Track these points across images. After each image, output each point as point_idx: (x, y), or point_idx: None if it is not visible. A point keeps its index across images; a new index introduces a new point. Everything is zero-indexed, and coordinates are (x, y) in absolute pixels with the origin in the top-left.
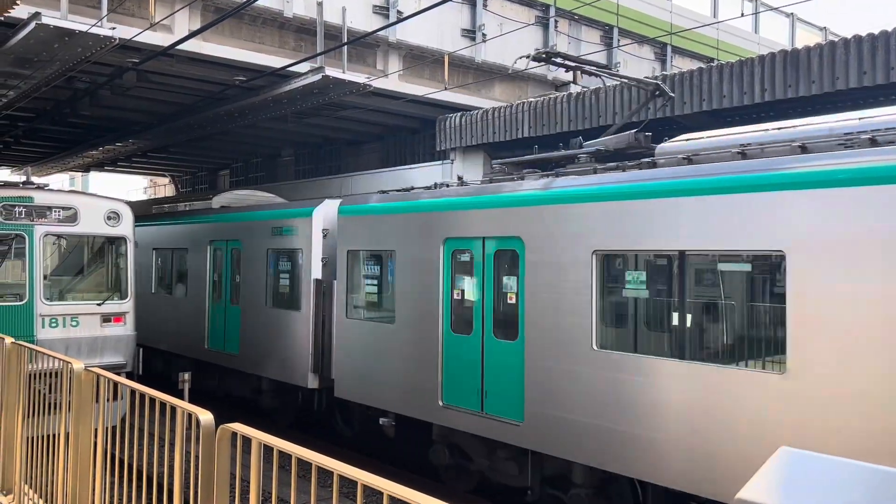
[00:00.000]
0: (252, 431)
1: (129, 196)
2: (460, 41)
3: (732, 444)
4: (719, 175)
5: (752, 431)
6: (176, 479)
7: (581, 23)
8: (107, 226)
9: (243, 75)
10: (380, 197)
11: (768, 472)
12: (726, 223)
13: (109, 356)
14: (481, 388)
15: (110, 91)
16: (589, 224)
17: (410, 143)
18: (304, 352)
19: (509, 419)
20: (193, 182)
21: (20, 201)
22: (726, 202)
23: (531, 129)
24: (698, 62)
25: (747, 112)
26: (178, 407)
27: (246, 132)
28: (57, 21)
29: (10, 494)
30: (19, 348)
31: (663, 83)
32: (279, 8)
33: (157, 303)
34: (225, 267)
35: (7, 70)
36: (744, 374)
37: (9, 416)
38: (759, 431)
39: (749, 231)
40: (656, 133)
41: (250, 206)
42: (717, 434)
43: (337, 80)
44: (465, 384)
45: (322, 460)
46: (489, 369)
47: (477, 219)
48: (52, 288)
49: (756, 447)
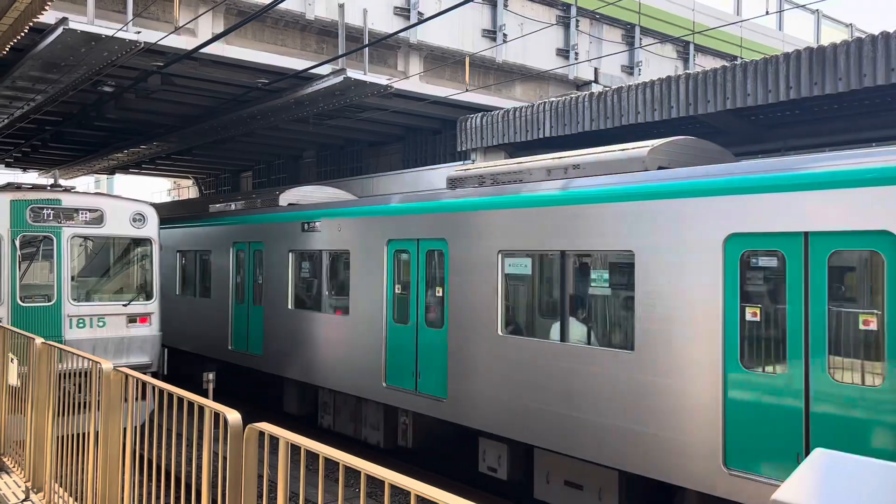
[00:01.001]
0: (280, 431)
1: (152, 198)
2: (481, 42)
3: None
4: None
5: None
6: (204, 479)
7: (603, 22)
8: (132, 227)
9: (266, 77)
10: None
11: (804, 473)
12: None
13: (135, 356)
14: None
15: (135, 94)
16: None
17: (432, 143)
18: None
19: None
20: (216, 184)
21: (48, 203)
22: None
23: (553, 129)
24: (721, 60)
25: (772, 110)
26: (206, 406)
27: (268, 134)
28: (84, 26)
29: (40, 492)
30: (49, 348)
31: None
32: (301, 10)
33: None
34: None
35: (35, 74)
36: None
37: (39, 415)
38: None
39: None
40: (681, 131)
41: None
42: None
43: (358, 81)
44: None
45: (349, 460)
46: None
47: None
48: (80, 289)
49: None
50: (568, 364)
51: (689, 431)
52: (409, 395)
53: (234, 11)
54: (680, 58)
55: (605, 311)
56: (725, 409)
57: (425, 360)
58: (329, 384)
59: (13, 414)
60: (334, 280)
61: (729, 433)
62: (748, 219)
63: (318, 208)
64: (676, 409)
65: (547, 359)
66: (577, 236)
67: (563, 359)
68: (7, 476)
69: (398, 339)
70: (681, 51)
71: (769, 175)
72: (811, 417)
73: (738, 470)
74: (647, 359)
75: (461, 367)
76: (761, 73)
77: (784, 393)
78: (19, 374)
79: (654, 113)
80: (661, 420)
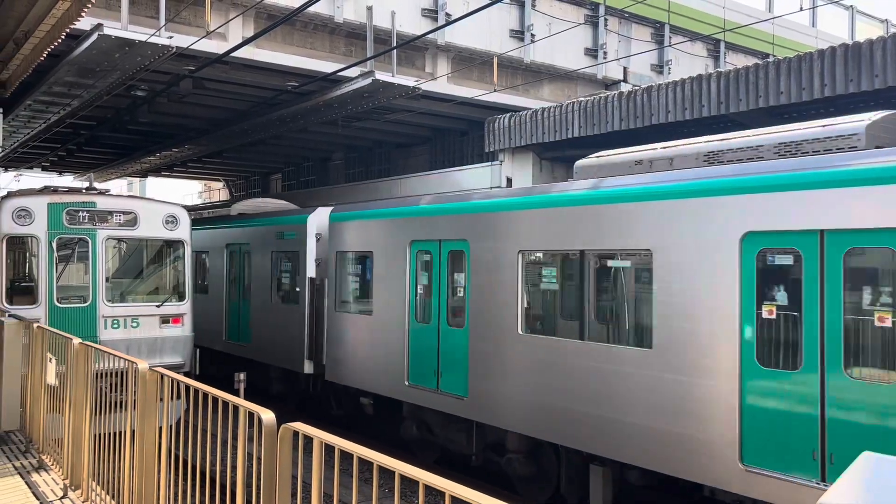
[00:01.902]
0: (314, 431)
1: (184, 200)
2: (509, 42)
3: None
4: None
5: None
6: (239, 479)
7: (631, 21)
8: (165, 229)
9: (295, 80)
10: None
11: (852, 476)
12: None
13: (168, 356)
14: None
15: (167, 98)
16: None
17: (459, 144)
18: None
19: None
20: (247, 186)
21: (83, 206)
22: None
23: (581, 129)
24: (753, 58)
25: (806, 108)
26: (241, 406)
27: (298, 136)
28: (118, 31)
29: (78, 489)
30: (86, 348)
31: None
32: (330, 13)
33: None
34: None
35: (71, 80)
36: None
37: (77, 414)
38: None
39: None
40: (711, 131)
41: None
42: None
43: (386, 83)
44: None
45: (383, 460)
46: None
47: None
48: (114, 290)
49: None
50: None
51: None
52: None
53: (264, 15)
54: (710, 56)
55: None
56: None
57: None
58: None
59: (51, 413)
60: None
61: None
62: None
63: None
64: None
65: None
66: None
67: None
68: (46, 473)
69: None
70: (711, 49)
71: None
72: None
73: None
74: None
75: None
76: (795, 70)
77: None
78: (57, 374)
79: (685, 112)
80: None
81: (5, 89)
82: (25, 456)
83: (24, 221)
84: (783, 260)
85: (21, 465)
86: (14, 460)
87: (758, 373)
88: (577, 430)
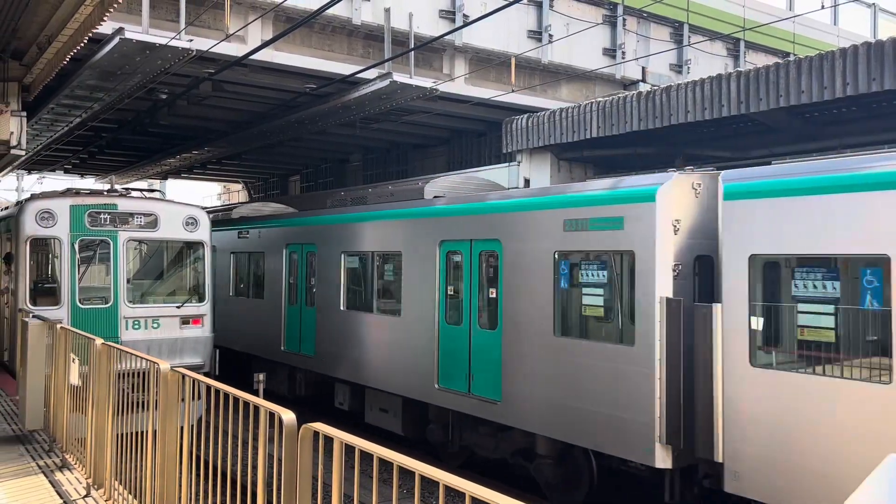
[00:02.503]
0: (334, 431)
1: (203, 202)
2: (526, 43)
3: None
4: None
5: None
6: (259, 479)
7: (650, 20)
8: (185, 231)
9: (313, 83)
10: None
11: (877, 480)
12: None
13: (188, 357)
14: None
15: (187, 101)
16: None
17: (477, 145)
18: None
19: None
20: (265, 188)
21: (105, 208)
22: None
23: (600, 130)
24: (774, 57)
25: (827, 107)
26: (261, 406)
27: (316, 138)
28: (139, 35)
29: (101, 488)
30: (109, 349)
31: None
32: (348, 15)
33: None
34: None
35: (93, 83)
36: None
37: (99, 414)
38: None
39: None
40: (731, 130)
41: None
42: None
43: (404, 84)
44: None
45: (403, 460)
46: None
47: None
48: (135, 291)
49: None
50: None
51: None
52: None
53: (283, 18)
54: (730, 55)
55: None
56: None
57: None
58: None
59: (74, 412)
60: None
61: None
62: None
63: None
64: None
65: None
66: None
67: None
68: (69, 472)
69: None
70: (731, 48)
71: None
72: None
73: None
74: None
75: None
76: (816, 69)
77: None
78: (80, 374)
79: (705, 112)
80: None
81: (29, 93)
82: (49, 455)
83: (47, 223)
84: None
85: (45, 464)
86: (38, 459)
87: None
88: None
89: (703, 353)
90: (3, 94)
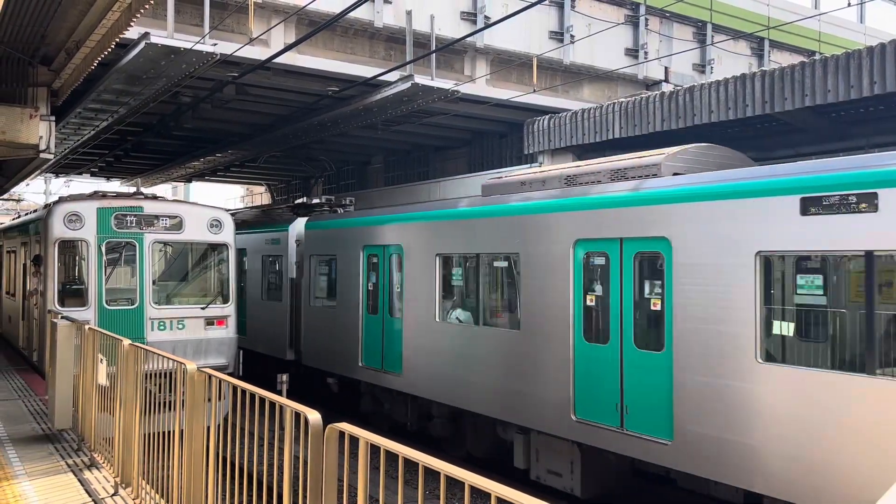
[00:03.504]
0: (360, 431)
1: (226, 204)
2: (548, 43)
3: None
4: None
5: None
6: (286, 480)
7: (672, 20)
8: (209, 233)
9: (336, 85)
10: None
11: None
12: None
13: (213, 358)
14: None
15: (211, 104)
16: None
17: (498, 146)
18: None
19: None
20: (288, 190)
21: (131, 211)
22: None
23: (622, 130)
24: (799, 56)
25: (854, 106)
26: (287, 406)
27: (338, 141)
28: (164, 40)
29: (128, 487)
30: (136, 349)
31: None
32: (370, 18)
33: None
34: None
35: (119, 87)
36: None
37: (127, 414)
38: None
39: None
40: (755, 130)
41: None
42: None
43: (426, 86)
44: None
45: (429, 461)
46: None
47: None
48: (160, 293)
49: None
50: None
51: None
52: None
53: (306, 21)
54: (754, 55)
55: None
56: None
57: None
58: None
59: (102, 412)
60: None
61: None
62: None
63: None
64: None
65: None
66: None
67: None
68: (97, 471)
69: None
70: (755, 47)
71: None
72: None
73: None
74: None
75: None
76: (843, 68)
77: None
78: (108, 374)
79: (729, 112)
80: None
81: (57, 98)
82: (78, 454)
83: (74, 226)
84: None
85: (74, 463)
86: (67, 458)
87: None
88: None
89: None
90: (33, 98)
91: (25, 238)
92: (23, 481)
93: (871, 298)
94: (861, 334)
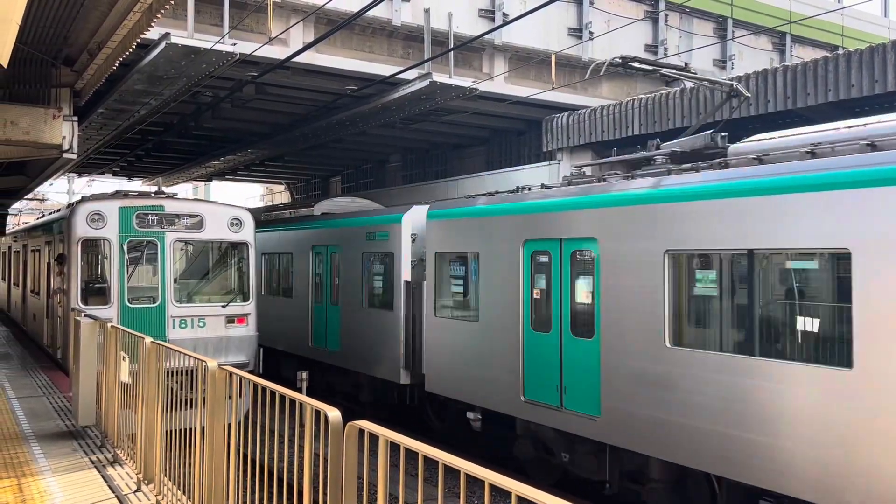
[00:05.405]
0: (379, 429)
1: (246, 203)
2: (567, 40)
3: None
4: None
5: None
6: (306, 477)
7: (692, 15)
8: (230, 232)
9: (354, 84)
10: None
11: None
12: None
13: (233, 355)
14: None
15: (231, 104)
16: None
17: (516, 144)
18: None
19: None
20: (307, 189)
21: (152, 210)
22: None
23: (642, 127)
24: (821, 51)
25: (878, 101)
26: (307, 404)
27: (356, 139)
28: (184, 40)
29: (150, 483)
30: (158, 347)
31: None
32: (388, 17)
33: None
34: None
35: (140, 88)
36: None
37: (149, 411)
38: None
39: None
40: (772, 127)
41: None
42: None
43: (444, 84)
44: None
45: (449, 459)
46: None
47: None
48: (181, 291)
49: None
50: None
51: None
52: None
53: (324, 20)
54: (776, 50)
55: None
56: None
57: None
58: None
59: (125, 409)
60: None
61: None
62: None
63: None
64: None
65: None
66: None
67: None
68: (120, 468)
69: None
70: (776, 42)
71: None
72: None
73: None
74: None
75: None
76: (867, 62)
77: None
78: (130, 372)
79: (750, 108)
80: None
81: (80, 98)
82: (101, 450)
83: (97, 225)
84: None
85: (97, 459)
86: (90, 454)
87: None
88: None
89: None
90: (56, 99)
91: (49, 237)
92: (48, 477)
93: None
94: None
